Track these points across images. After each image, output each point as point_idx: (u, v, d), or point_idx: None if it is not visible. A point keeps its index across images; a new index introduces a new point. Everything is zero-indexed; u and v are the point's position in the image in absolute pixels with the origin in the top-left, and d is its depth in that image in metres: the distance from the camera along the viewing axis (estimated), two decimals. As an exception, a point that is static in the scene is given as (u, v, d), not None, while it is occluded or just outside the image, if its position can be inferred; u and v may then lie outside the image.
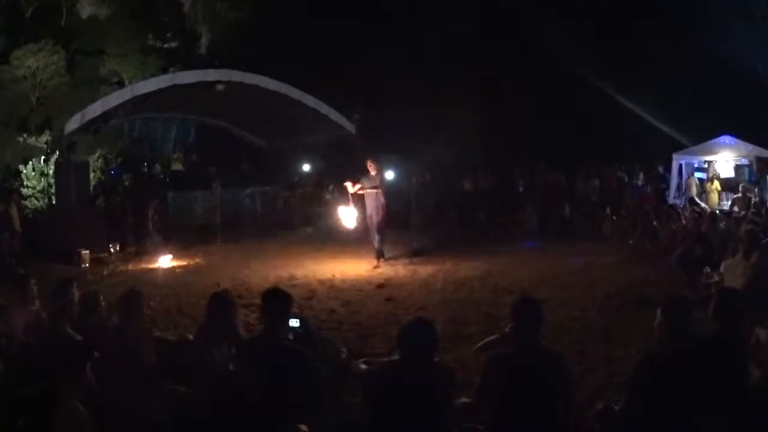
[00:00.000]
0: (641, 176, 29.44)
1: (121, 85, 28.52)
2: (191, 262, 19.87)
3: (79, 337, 7.39)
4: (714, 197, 24.82)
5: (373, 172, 18.56)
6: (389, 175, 29.33)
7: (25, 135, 26.34)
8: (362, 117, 28.16)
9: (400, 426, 5.46)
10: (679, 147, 27.90)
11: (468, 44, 36.00)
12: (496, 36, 36.82)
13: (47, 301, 8.52)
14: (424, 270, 17.75)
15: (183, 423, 5.48)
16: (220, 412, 4.89)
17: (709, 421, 5.47)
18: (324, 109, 26.60)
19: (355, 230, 20.00)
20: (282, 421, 5.73)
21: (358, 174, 18.88)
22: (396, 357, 5.87)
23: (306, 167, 30.54)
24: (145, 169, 29.85)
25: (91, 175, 24.67)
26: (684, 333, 5.99)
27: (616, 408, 6.01)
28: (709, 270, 13.53)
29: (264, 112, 27.47)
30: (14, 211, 20.90)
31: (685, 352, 5.85)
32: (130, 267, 19.49)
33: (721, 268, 12.22)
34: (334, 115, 27.01)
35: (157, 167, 30.28)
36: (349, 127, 27.56)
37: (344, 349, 8.48)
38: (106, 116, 23.42)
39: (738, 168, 26.17)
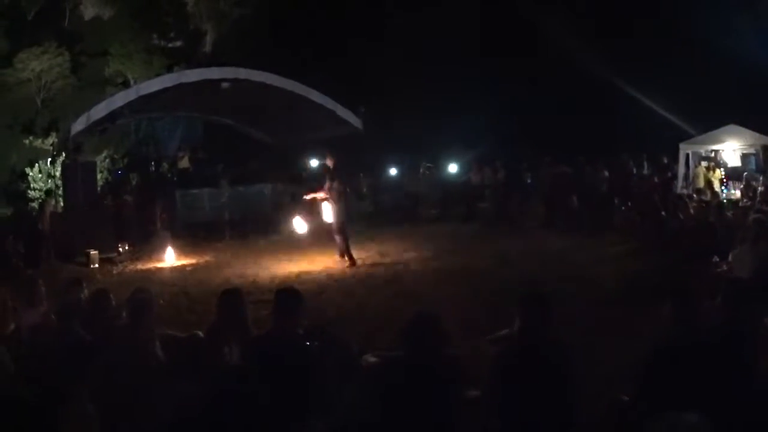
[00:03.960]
0: (646, 166, 29.41)
1: (126, 85, 28.59)
2: (200, 260, 19.91)
3: (88, 337, 7.42)
4: (715, 186, 24.72)
5: (331, 167, 18.39)
6: (393, 171, 29.47)
7: (31, 137, 26.42)
8: (368, 111, 28.09)
9: (410, 419, 5.47)
10: (686, 136, 27.84)
11: (473, 38, 35.99)
12: (501, 30, 36.79)
13: (57, 302, 8.56)
14: (433, 263, 17.81)
15: (193, 421, 5.48)
16: (230, 409, 4.90)
17: (717, 411, 5.48)
18: (330, 104, 26.56)
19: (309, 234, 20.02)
20: (292, 417, 5.75)
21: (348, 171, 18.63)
22: (404, 351, 5.88)
23: (314, 163, 30.55)
24: (152, 168, 29.87)
25: (98, 175, 24.70)
26: (692, 323, 6.00)
27: (626, 399, 6.02)
28: (717, 260, 13.54)
29: (270, 109, 27.48)
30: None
31: (694, 342, 5.86)
32: (139, 266, 19.57)
33: (729, 258, 12.23)
34: (341, 111, 26.96)
35: (164, 166, 30.30)
36: (356, 122, 27.51)
37: (353, 344, 8.49)
38: (111, 117, 23.43)
39: (744, 157, 26.13)
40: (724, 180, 25.31)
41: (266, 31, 34.85)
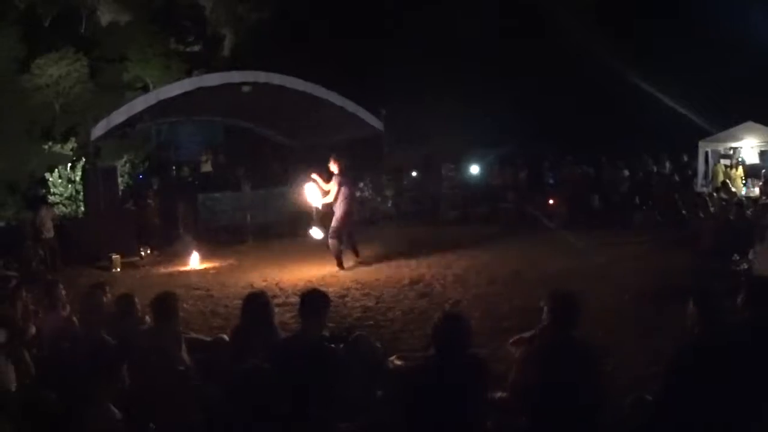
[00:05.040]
0: (667, 165, 29.35)
1: (145, 90, 28.57)
2: (223, 263, 19.93)
3: (113, 341, 7.46)
4: (738, 183, 24.70)
5: (336, 171, 18.36)
6: (414, 173, 29.49)
7: (50, 143, 26.46)
8: (389, 113, 28.05)
9: (436, 421, 5.50)
10: (705, 134, 27.77)
11: (492, 38, 35.93)
12: (521, 29, 36.76)
13: (79, 306, 8.63)
14: (457, 265, 17.71)
15: (218, 424, 5.53)
16: (255, 412, 4.95)
17: (742, 410, 5.49)
18: (351, 107, 26.53)
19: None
20: (318, 419, 5.78)
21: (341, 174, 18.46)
22: (430, 352, 5.91)
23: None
24: (174, 172, 29.94)
25: (119, 180, 24.79)
26: (715, 322, 6.00)
27: (650, 398, 6.03)
28: (738, 258, 13.53)
29: (291, 112, 27.44)
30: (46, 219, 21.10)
31: (717, 341, 5.87)
32: (162, 270, 19.60)
33: (750, 256, 12.23)
34: (362, 113, 26.94)
35: (186, 170, 30.35)
36: (377, 124, 27.50)
37: (379, 346, 8.51)
38: (131, 121, 23.49)
39: (763, 154, 26.10)
40: (743, 178, 25.26)
41: (285, 34, 34.88)
